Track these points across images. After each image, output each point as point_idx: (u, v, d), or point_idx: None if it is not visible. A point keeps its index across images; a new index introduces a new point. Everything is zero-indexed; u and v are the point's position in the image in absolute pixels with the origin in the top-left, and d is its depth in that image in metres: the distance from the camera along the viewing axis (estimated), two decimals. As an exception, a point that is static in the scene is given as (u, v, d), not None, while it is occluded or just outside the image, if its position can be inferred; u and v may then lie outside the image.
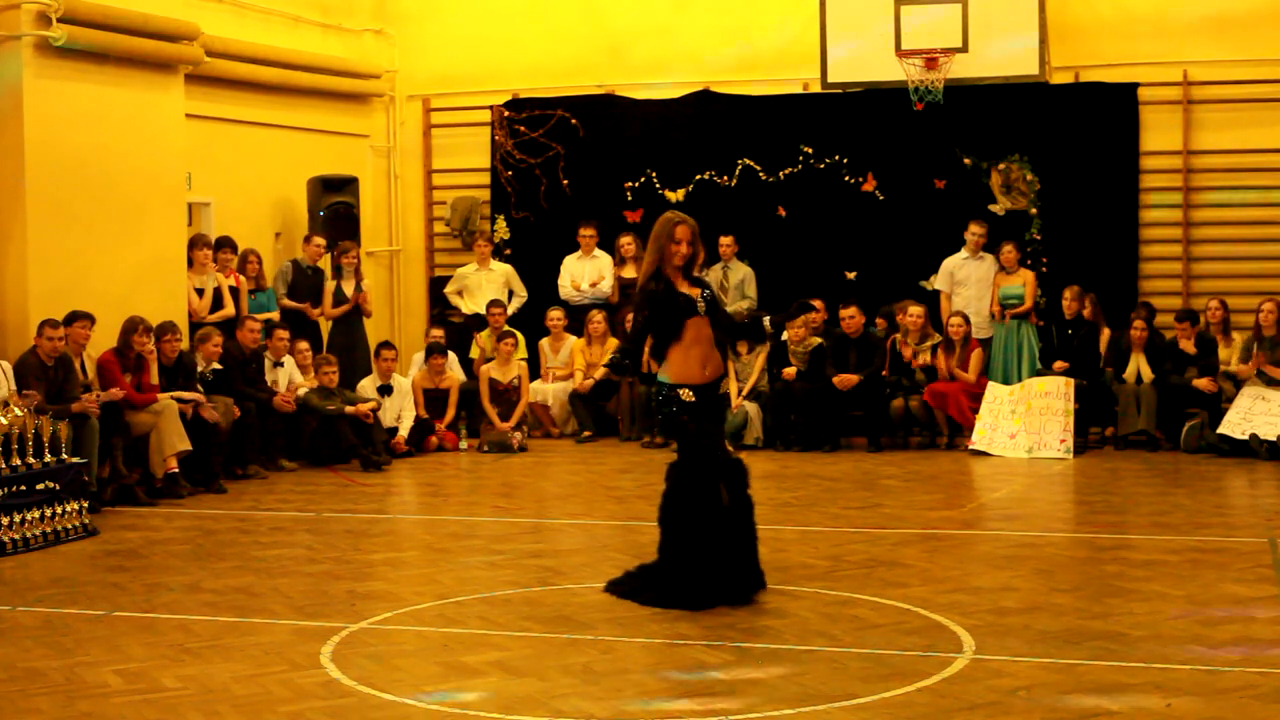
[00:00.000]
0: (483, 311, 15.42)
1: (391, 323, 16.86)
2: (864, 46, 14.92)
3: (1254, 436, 12.72)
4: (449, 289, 16.01)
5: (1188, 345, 13.61)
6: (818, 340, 14.19)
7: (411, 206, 17.10)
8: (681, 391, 7.76)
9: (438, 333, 15.38)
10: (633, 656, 6.85)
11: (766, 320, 8.42)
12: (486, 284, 15.78)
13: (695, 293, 7.86)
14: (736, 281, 15.08)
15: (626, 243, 15.34)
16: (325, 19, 16.23)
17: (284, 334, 13.50)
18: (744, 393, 14.22)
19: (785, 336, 14.30)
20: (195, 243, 13.36)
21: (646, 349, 8.08)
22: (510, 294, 15.74)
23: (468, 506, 11.62)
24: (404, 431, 13.86)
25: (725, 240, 15.01)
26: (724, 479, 7.80)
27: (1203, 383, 13.40)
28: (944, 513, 10.71)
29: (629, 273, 15.31)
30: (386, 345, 14.28)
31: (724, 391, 8.21)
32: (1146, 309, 14.09)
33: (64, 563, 9.32)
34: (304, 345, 13.88)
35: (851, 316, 14.07)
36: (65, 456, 10.12)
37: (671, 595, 7.66)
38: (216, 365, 12.59)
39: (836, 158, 15.55)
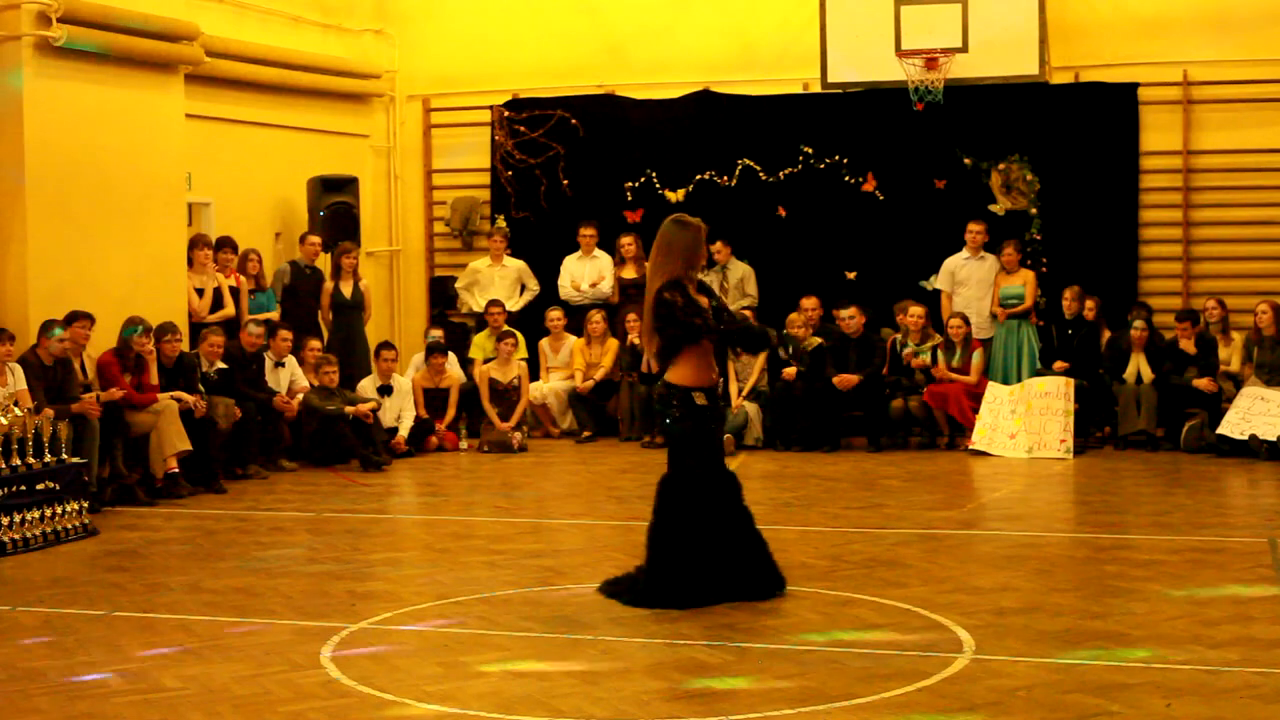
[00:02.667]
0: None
1: (391, 323, 16.86)
2: (864, 46, 14.92)
3: (1254, 437, 12.71)
4: (460, 283, 16.00)
5: (1188, 345, 13.61)
6: (818, 340, 14.19)
7: (411, 206, 17.10)
8: (696, 395, 7.77)
9: (437, 333, 15.39)
10: (633, 656, 6.85)
11: (773, 333, 8.37)
12: (499, 280, 15.78)
13: (704, 300, 7.86)
14: (736, 280, 15.07)
15: (627, 243, 15.33)
16: (325, 19, 16.23)
17: (288, 335, 13.49)
18: (744, 393, 14.21)
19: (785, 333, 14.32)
20: (196, 243, 13.37)
21: (648, 352, 8.06)
22: (522, 288, 15.74)
23: (468, 506, 11.62)
24: (404, 431, 13.86)
25: (715, 246, 14.82)
26: (719, 493, 7.80)
27: (1203, 383, 13.40)
28: (944, 513, 10.71)
29: (629, 273, 15.31)
30: (386, 346, 14.27)
31: (721, 393, 8.20)
32: (1144, 309, 14.11)
33: (64, 563, 9.32)
34: (315, 343, 13.89)
35: (851, 317, 14.07)
36: (65, 456, 10.12)
37: (654, 595, 7.68)
38: (221, 365, 12.60)
39: (836, 158, 15.55)
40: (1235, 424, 12.90)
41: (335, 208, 15.26)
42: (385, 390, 13.89)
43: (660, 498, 7.86)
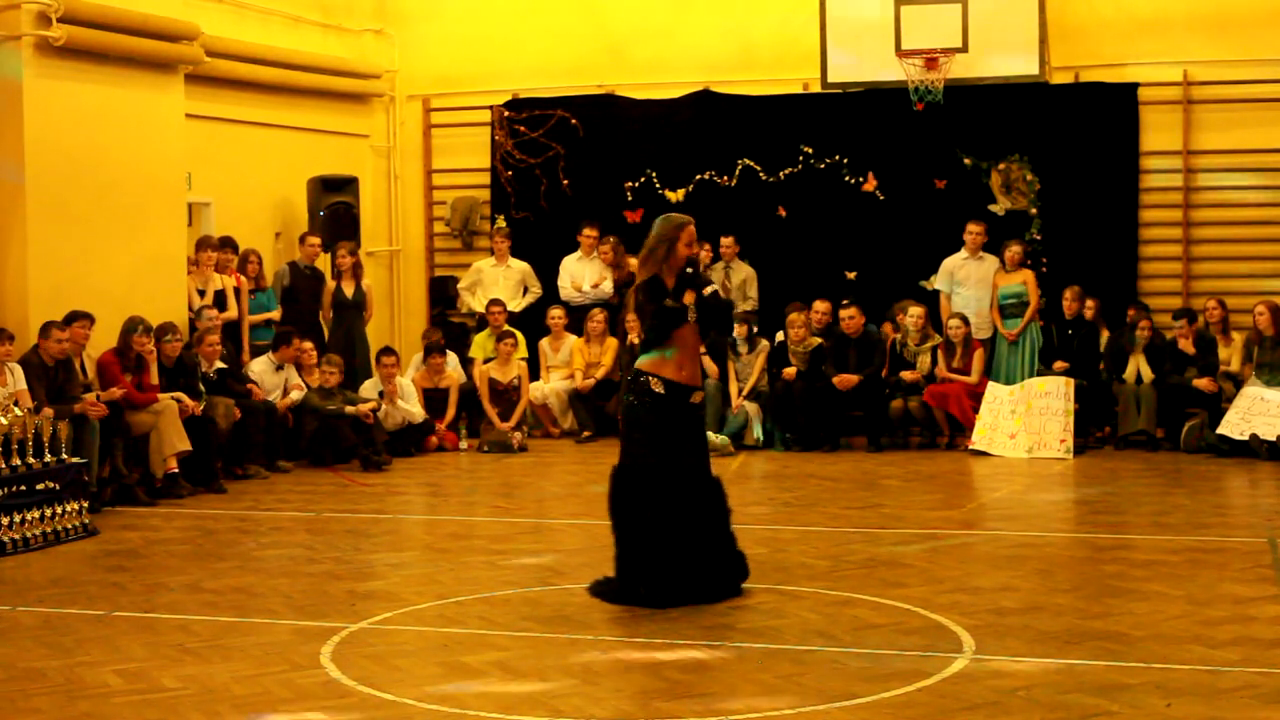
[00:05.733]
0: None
1: (391, 323, 16.86)
2: (864, 46, 14.93)
3: (1254, 436, 12.71)
4: (463, 284, 15.99)
5: (1187, 345, 13.61)
6: (818, 340, 14.19)
7: (411, 206, 17.10)
8: (651, 380, 7.70)
9: (435, 333, 15.39)
10: (633, 656, 6.85)
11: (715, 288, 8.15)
12: (504, 280, 15.77)
13: (689, 298, 7.74)
14: (738, 282, 15.07)
15: (604, 250, 15.30)
16: (325, 19, 16.23)
17: (299, 343, 13.53)
18: (744, 393, 14.21)
19: (783, 337, 14.31)
20: (201, 245, 13.38)
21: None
22: (525, 289, 15.74)
23: (468, 506, 11.62)
24: (416, 420, 13.97)
25: (726, 241, 15.02)
26: (701, 496, 7.76)
27: (1203, 383, 13.40)
28: (944, 513, 10.71)
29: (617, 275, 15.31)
30: (387, 351, 14.16)
31: (698, 402, 7.96)
32: (1144, 309, 14.10)
33: (64, 563, 9.32)
34: (308, 345, 13.88)
35: (851, 317, 14.06)
36: (65, 456, 10.12)
37: (624, 593, 7.68)
38: (221, 364, 12.60)
39: (836, 158, 15.55)
40: (1235, 424, 12.90)
41: (335, 208, 15.26)
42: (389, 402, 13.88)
43: (610, 487, 7.83)
